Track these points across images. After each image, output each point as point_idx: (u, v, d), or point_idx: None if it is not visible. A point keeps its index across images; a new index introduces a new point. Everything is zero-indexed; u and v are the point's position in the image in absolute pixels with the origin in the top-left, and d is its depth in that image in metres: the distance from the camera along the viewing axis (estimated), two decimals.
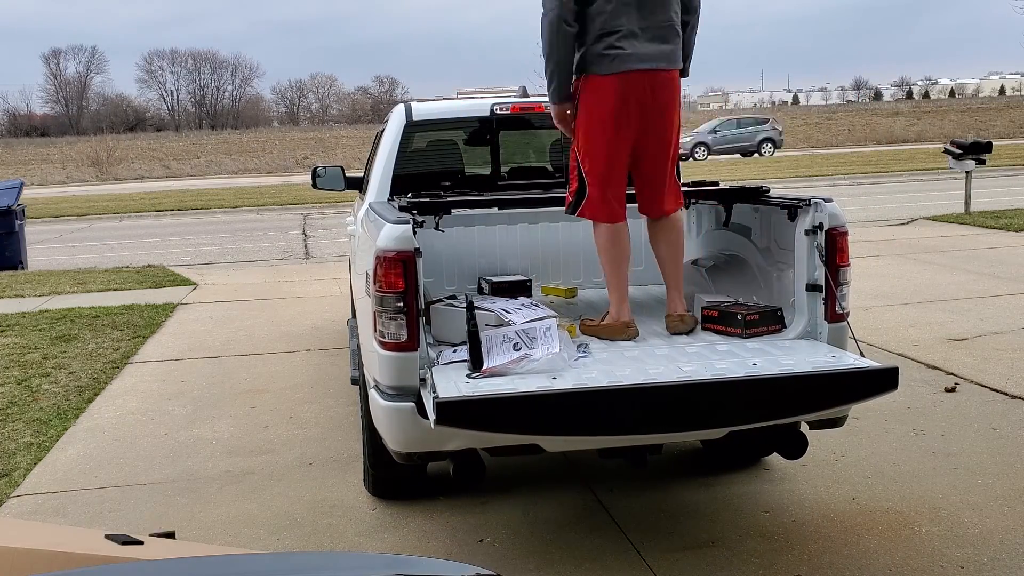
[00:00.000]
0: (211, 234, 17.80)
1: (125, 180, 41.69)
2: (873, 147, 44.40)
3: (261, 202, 23.65)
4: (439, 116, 5.22)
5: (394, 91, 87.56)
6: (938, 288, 8.65)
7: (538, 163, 5.53)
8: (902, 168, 26.43)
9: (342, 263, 9.85)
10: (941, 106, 62.19)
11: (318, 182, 6.68)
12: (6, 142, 57.77)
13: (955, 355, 6.32)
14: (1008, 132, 47.93)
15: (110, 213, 22.80)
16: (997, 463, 4.45)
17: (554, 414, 3.18)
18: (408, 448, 3.48)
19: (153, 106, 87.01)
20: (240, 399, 5.93)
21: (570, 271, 4.92)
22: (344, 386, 5.85)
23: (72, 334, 7.82)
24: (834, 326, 3.71)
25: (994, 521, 3.84)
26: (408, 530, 3.97)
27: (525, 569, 3.58)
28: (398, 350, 3.41)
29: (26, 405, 5.88)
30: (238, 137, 56.96)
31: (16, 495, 4.49)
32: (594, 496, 4.24)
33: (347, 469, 4.63)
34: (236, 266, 13.00)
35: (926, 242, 11.69)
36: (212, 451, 5.01)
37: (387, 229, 3.43)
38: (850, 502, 4.08)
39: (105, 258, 14.34)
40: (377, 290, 3.41)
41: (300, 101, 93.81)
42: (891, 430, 4.94)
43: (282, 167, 44.77)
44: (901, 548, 3.64)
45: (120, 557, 1.79)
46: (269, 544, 3.87)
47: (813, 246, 3.68)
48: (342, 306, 8.40)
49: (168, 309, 8.98)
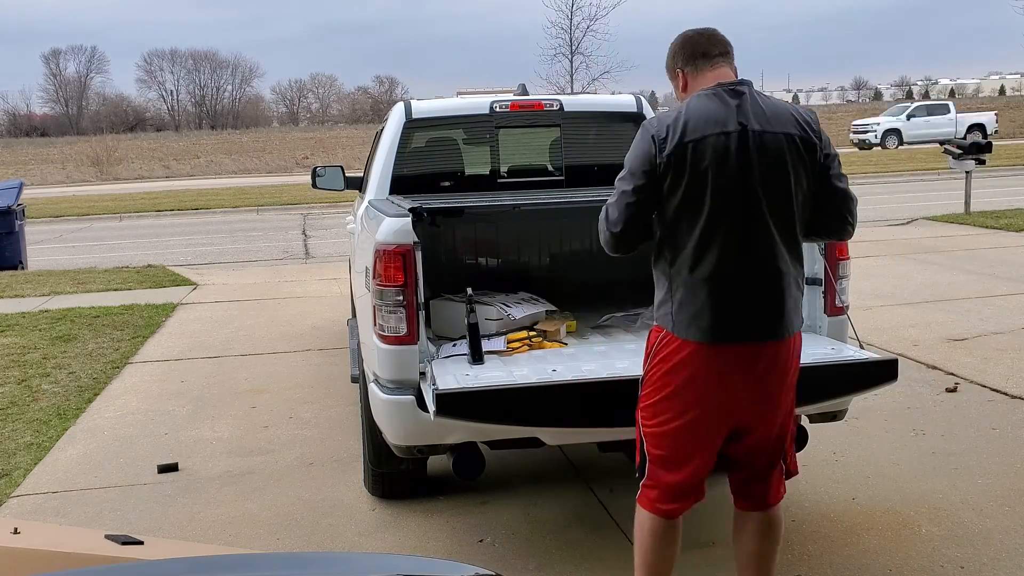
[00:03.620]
0: (211, 234, 17.79)
1: (125, 180, 41.66)
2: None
3: (261, 202, 23.63)
4: (439, 114, 5.22)
5: (394, 91, 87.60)
6: (938, 288, 8.65)
7: (538, 162, 5.53)
8: (902, 168, 26.40)
9: (342, 263, 9.84)
10: None
11: (318, 182, 6.68)
12: (6, 142, 57.76)
13: (955, 355, 6.31)
14: (1008, 132, 47.89)
15: (110, 213, 22.78)
16: (997, 463, 4.45)
17: (554, 406, 3.19)
18: (408, 442, 3.50)
19: (153, 106, 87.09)
20: (240, 399, 5.93)
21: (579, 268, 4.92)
22: (344, 386, 5.85)
23: (72, 334, 7.82)
24: (833, 319, 3.72)
25: (994, 521, 3.83)
26: (408, 530, 3.96)
27: (525, 569, 3.57)
28: (398, 343, 3.42)
29: (26, 405, 5.88)
30: (238, 137, 56.95)
31: (16, 495, 4.49)
32: (594, 496, 4.24)
33: (347, 469, 4.63)
34: (236, 266, 13.00)
35: (926, 242, 11.69)
36: (212, 451, 5.01)
37: (387, 223, 3.44)
38: (850, 502, 4.08)
39: (105, 258, 14.33)
40: (377, 284, 3.42)
41: (300, 101, 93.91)
42: (891, 430, 4.94)
43: (282, 167, 44.75)
44: (901, 548, 3.63)
45: (120, 557, 1.80)
46: (269, 544, 3.87)
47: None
48: (342, 306, 8.39)
49: (168, 309, 8.98)
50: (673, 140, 2.65)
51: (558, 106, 5.07)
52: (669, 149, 2.65)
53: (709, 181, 2.64)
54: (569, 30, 35.64)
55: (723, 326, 2.69)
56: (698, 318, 2.70)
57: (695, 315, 2.70)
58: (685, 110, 2.71)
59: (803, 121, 2.74)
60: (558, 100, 5.14)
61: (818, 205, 2.82)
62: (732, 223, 2.67)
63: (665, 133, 2.67)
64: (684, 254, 2.71)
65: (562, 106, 5.07)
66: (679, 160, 2.65)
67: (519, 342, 3.79)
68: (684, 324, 2.71)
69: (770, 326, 2.73)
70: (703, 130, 2.65)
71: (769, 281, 2.72)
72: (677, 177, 2.66)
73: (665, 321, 2.77)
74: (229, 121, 79.56)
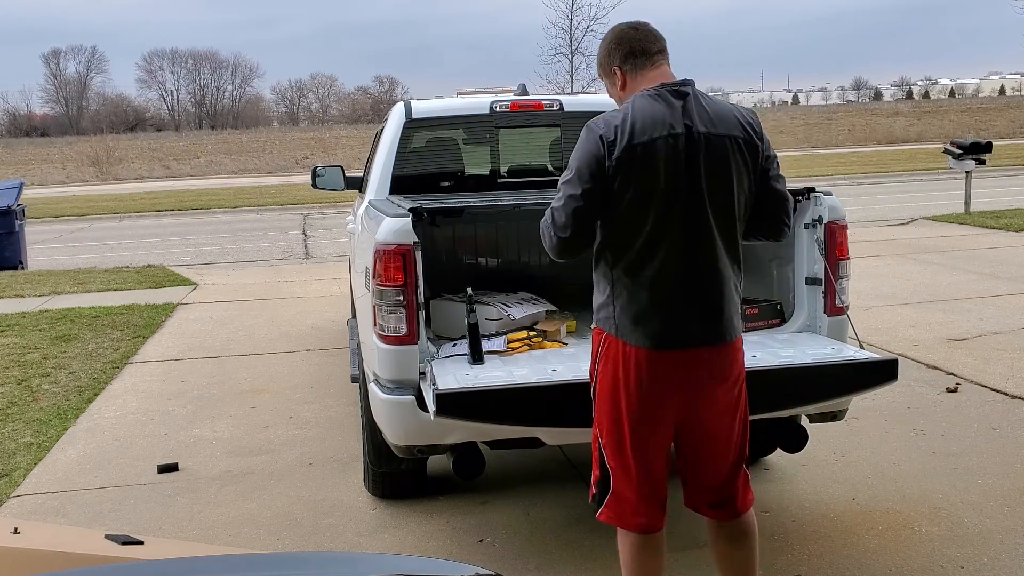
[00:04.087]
0: (211, 234, 17.79)
1: (125, 180, 41.68)
2: (873, 147, 44.39)
3: (261, 202, 23.65)
4: (438, 114, 5.22)
5: (394, 91, 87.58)
6: (938, 288, 8.65)
7: (538, 162, 5.53)
8: (902, 168, 26.40)
9: (342, 263, 9.84)
10: (941, 106, 62.15)
11: (318, 182, 6.68)
12: (6, 142, 57.69)
13: (955, 355, 6.32)
14: (1008, 132, 47.94)
15: (110, 213, 22.80)
16: (997, 463, 4.45)
17: (553, 405, 3.19)
18: (408, 441, 3.50)
19: (153, 106, 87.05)
20: (240, 399, 5.93)
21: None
22: (344, 386, 5.85)
23: (72, 334, 7.82)
24: (834, 319, 3.72)
25: (994, 521, 3.83)
26: (408, 530, 3.96)
27: (525, 569, 3.57)
28: (398, 343, 3.42)
29: (26, 405, 5.88)
30: (238, 137, 56.90)
31: (16, 495, 4.49)
32: None
33: (347, 469, 4.63)
34: (236, 266, 13.00)
35: (926, 242, 11.69)
36: (212, 451, 5.01)
37: (387, 223, 3.45)
38: (850, 502, 4.08)
39: (105, 258, 14.34)
40: (377, 284, 3.43)
41: (300, 101, 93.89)
42: (891, 430, 4.94)
43: (282, 167, 44.76)
44: (901, 548, 3.63)
45: (120, 557, 1.79)
46: (269, 544, 3.87)
47: (812, 239, 3.69)
48: (342, 306, 8.39)
49: (168, 309, 8.98)
50: (622, 142, 2.59)
51: (558, 106, 5.07)
52: (618, 151, 2.59)
53: (659, 183, 2.60)
54: (569, 30, 35.59)
55: (667, 331, 2.65)
56: (641, 323, 2.65)
57: (638, 319, 2.66)
58: (631, 111, 2.65)
59: (746, 123, 2.71)
60: (558, 100, 5.15)
61: (757, 207, 2.79)
62: (678, 225, 2.63)
63: (613, 135, 2.61)
64: (628, 256, 2.66)
65: (562, 106, 5.07)
66: (628, 162, 2.59)
67: (519, 342, 3.79)
68: (628, 328, 2.67)
69: (714, 331, 2.69)
70: (651, 132, 2.59)
71: (712, 285, 2.68)
72: (626, 179, 2.60)
73: (607, 324, 2.72)
74: (229, 121, 79.53)
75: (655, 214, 2.62)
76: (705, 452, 2.81)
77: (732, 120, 2.70)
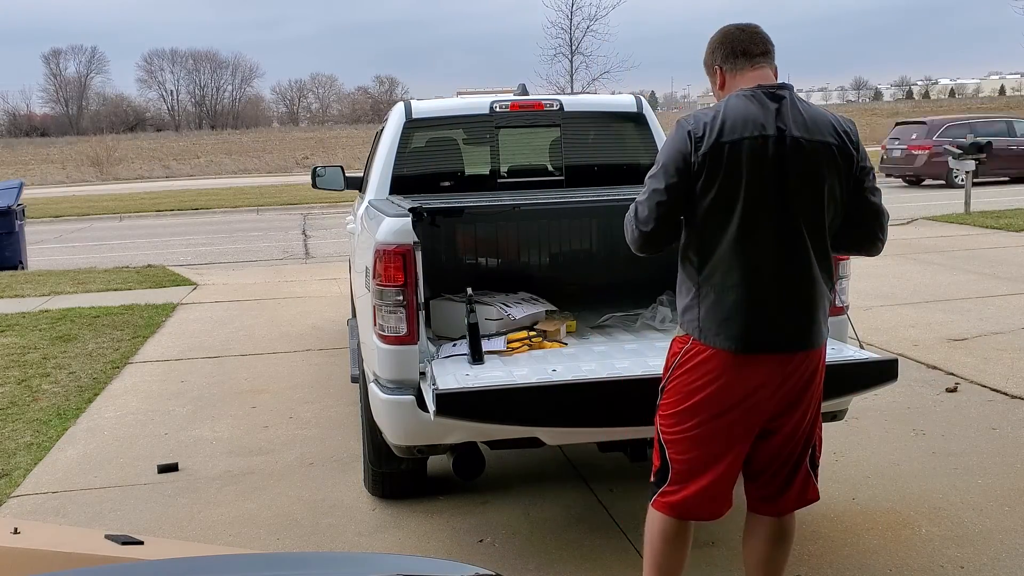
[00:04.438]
0: (211, 234, 17.79)
1: (125, 180, 41.65)
2: (873, 147, 44.33)
3: (261, 202, 23.64)
4: (439, 114, 5.22)
5: (394, 91, 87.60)
6: (938, 288, 8.65)
7: (538, 162, 5.53)
8: None
9: (342, 263, 9.84)
10: (941, 106, 62.23)
11: (318, 182, 6.68)
12: (6, 142, 57.74)
13: (955, 355, 6.32)
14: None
15: (110, 213, 22.79)
16: (997, 463, 4.45)
17: (553, 406, 3.20)
18: (408, 441, 3.50)
19: (153, 106, 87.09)
20: (240, 399, 5.93)
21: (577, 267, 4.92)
22: (344, 386, 5.85)
23: (72, 334, 7.82)
24: (833, 319, 3.70)
25: (994, 521, 3.83)
26: (408, 530, 3.96)
27: (525, 569, 3.57)
28: (398, 343, 3.42)
29: (26, 405, 5.88)
30: (238, 137, 56.95)
31: (16, 495, 4.49)
32: (594, 496, 4.24)
33: (347, 469, 4.63)
34: (236, 266, 12.99)
35: (926, 242, 11.69)
36: (212, 451, 5.01)
37: (387, 223, 3.45)
38: (850, 502, 4.08)
39: (105, 258, 14.34)
40: (377, 284, 3.43)
41: (300, 101, 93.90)
42: (891, 430, 4.94)
43: (282, 167, 44.74)
44: (901, 548, 3.63)
45: (120, 557, 1.79)
46: (269, 544, 3.87)
47: None
48: (342, 306, 8.39)
49: (168, 309, 8.98)
50: (710, 139, 2.57)
51: (558, 106, 5.07)
52: (705, 148, 2.56)
53: (743, 184, 2.56)
54: (569, 30, 35.56)
55: (753, 335, 2.60)
56: (727, 325, 2.61)
57: (723, 322, 2.61)
58: (723, 109, 2.62)
59: (842, 131, 2.67)
60: (558, 100, 5.14)
61: (848, 219, 2.74)
62: (765, 229, 2.59)
63: (702, 131, 2.58)
64: (714, 258, 2.62)
65: (562, 106, 5.07)
66: (715, 159, 2.56)
67: (519, 342, 3.79)
68: (712, 331, 2.62)
69: (801, 336, 2.65)
70: (741, 131, 2.56)
71: (802, 290, 2.64)
72: (711, 177, 2.57)
73: (691, 328, 2.68)
74: (229, 121, 79.55)
75: (740, 216, 2.58)
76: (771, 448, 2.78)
77: (827, 126, 2.66)
